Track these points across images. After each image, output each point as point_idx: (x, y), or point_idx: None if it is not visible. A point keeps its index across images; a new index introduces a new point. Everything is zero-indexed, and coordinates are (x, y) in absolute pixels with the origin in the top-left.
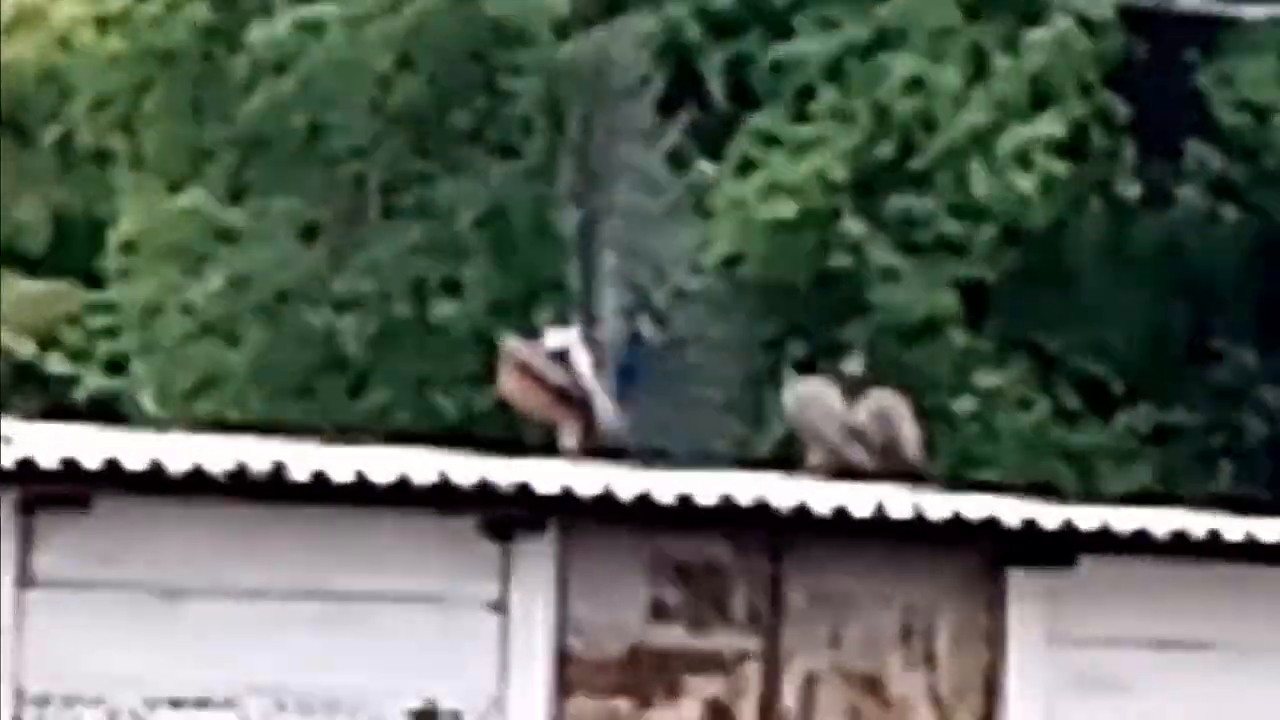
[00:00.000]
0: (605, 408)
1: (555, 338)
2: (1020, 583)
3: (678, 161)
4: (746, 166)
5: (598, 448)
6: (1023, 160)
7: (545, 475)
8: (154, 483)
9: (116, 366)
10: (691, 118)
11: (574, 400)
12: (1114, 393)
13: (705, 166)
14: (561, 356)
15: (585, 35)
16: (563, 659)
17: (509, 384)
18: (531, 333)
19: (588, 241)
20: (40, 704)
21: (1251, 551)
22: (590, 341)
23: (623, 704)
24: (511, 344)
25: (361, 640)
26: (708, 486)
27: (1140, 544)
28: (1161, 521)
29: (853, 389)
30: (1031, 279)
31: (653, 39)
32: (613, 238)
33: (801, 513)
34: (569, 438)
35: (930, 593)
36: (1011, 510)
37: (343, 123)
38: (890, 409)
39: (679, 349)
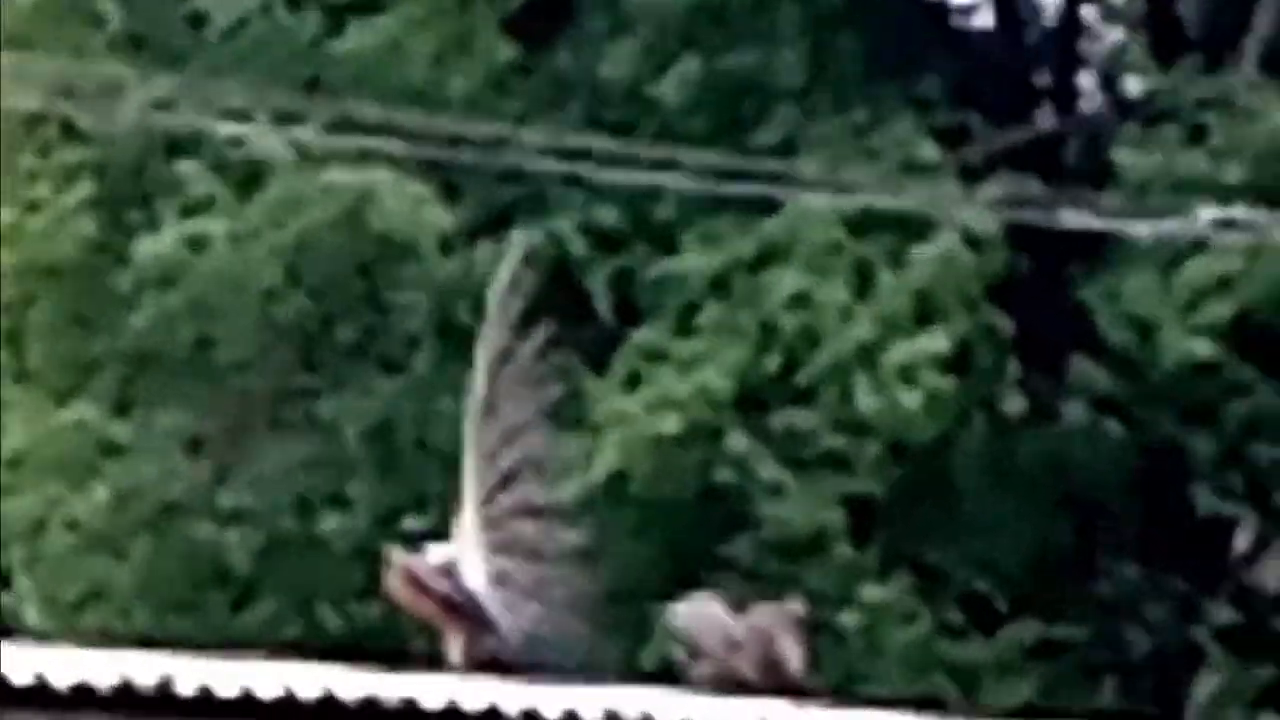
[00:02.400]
0: (507, 622)
1: (438, 551)
2: None
3: (560, 376)
4: (631, 381)
5: (485, 661)
6: (907, 376)
7: (431, 690)
8: (38, 697)
9: (1, 580)
10: (575, 333)
11: (461, 612)
12: (998, 607)
13: (589, 382)
14: (447, 569)
15: (471, 250)
16: None
17: (397, 592)
18: (419, 546)
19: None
20: None
21: None
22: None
23: None
24: (397, 554)
25: None
26: (593, 702)
27: None
28: None
29: (739, 604)
30: (916, 494)
31: (538, 254)
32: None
33: None
34: (455, 650)
35: None
36: None
37: (229, 337)
38: (773, 624)
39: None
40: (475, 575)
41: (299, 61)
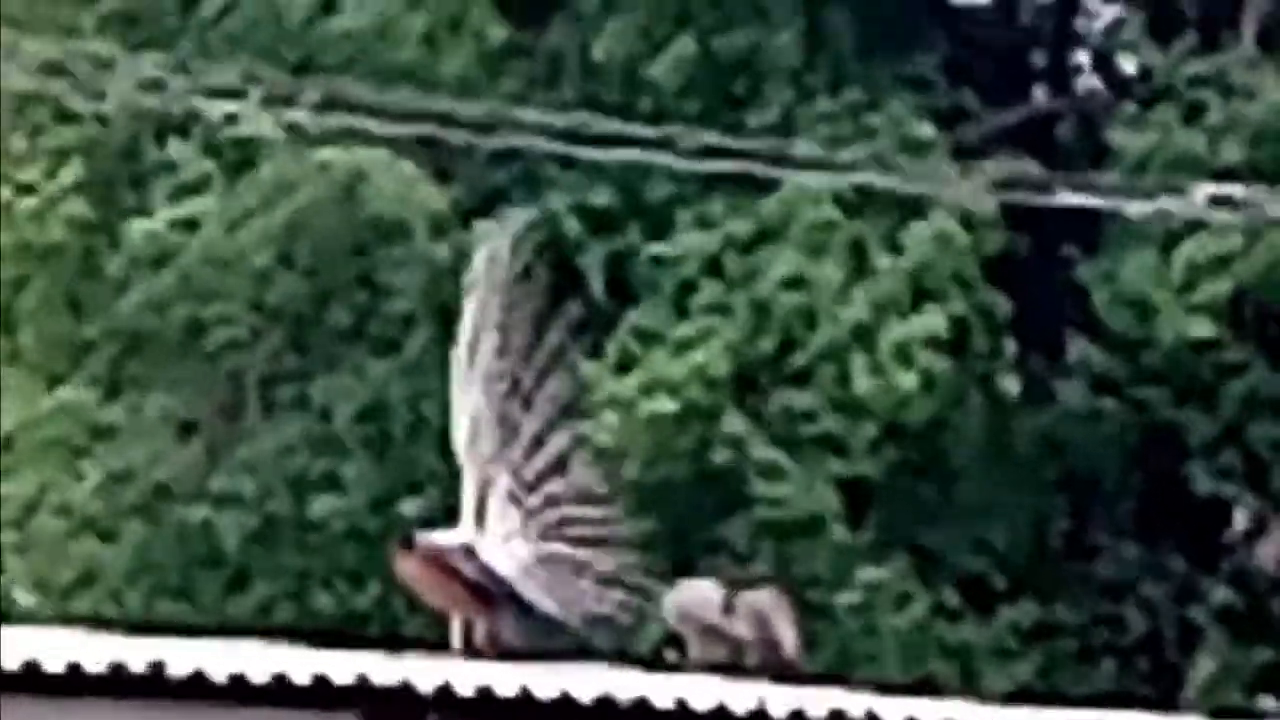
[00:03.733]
0: (547, 604)
1: (452, 535)
2: None
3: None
4: (626, 362)
5: (507, 648)
6: (904, 357)
7: (424, 672)
8: (30, 682)
9: None
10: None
11: (486, 595)
12: (995, 589)
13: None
14: (470, 552)
15: (464, 231)
16: None
17: (416, 575)
18: (413, 530)
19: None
20: None
21: None
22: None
23: None
24: (420, 536)
25: None
26: (587, 684)
27: None
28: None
29: (734, 586)
30: (912, 475)
31: (532, 234)
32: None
33: (681, 710)
34: (471, 633)
35: None
36: (892, 708)
37: (221, 318)
38: (769, 607)
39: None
40: (504, 559)
41: (291, 41)
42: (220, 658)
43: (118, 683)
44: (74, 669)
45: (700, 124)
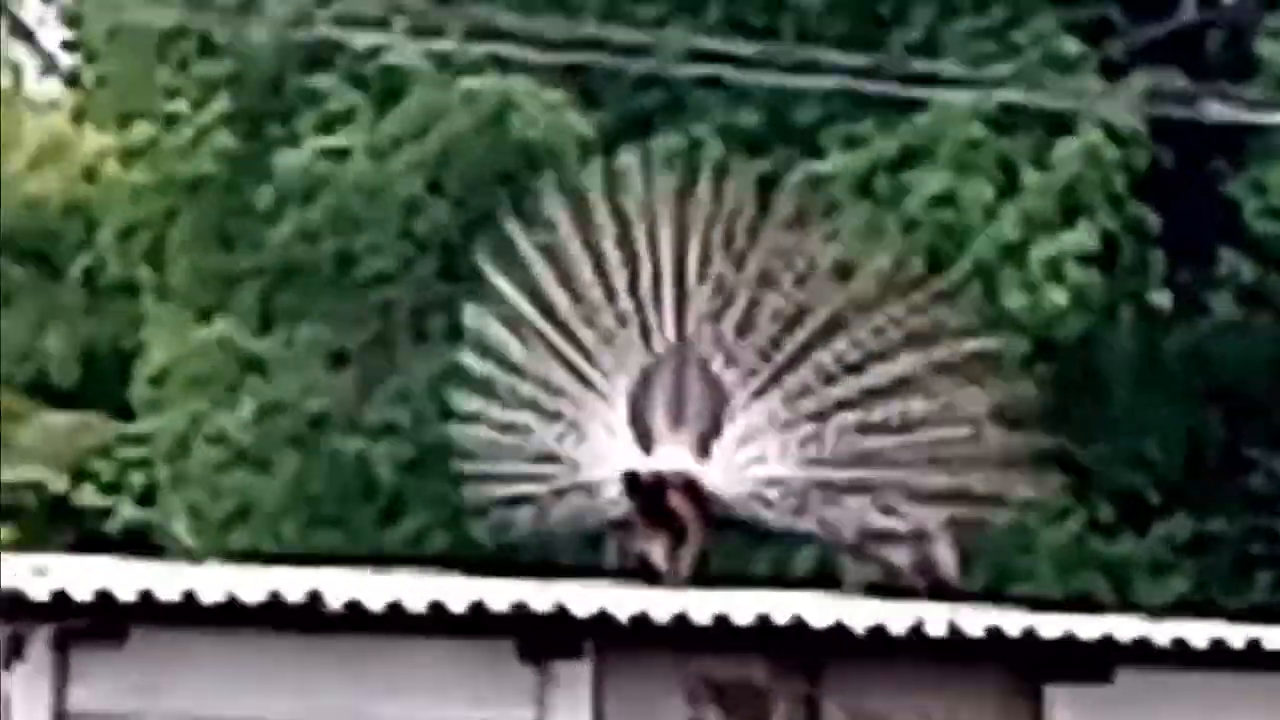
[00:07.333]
0: (788, 523)
1: (661, 461)
2: (1058, 697)
3: None
4: None
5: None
6: (1054, 272)
7: (580, 598)
8: (188, 614)
9: (148, 498)
10: None
11: (714, 520)
12: (1149, 503)
13: None
14: (693, 479)
15: (612, 155)
16: None
17: (673, 504)
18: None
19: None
20: None
21: None
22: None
23: None
24: (658, 465)
25: None
26: (745, 607)
27: (1178, 656)
28: (1199, 633)
29: (889, 508)
30: (1064, 391)
31: (678, 158)
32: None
33: (839, 632)
34: (667, 560)
35: (968, 709)
36: (1048, 624)
37: (371, 249)
38: (926, 527)
39: None
40: (732, 483)
41: None
42: (377, 587)
43: (275, 613)
44: (231, 600)
45: (846, 45)
